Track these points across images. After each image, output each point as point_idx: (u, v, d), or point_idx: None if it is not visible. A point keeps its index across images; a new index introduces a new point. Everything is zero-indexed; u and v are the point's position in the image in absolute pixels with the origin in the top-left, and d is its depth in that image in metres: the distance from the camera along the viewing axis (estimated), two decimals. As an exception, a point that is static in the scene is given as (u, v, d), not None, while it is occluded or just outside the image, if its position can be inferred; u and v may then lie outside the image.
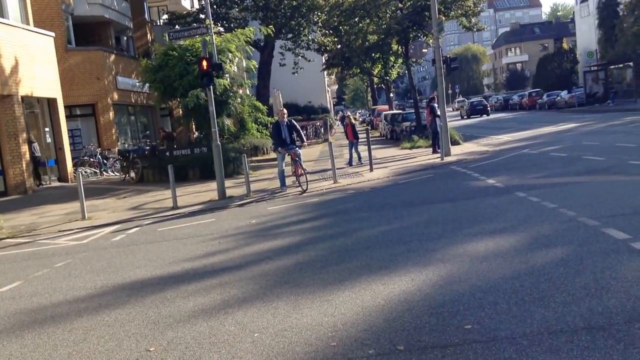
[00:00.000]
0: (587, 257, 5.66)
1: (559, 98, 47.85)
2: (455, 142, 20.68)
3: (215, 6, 29.54)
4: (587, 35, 56.38)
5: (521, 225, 7.52)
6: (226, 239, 9.17)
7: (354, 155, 18.92)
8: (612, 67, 45.60)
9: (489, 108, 53.62)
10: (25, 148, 18.06)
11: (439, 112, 19.45)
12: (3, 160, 17.68)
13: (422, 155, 19.12)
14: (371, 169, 16.01)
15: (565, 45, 61.04)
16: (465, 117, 53.14)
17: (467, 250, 6.49)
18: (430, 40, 25.01)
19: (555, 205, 8.46)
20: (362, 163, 18.02)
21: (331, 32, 35.27)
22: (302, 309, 5.14)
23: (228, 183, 14.96)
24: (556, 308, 4.44)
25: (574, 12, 68.81)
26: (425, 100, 39.47)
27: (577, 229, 6.90)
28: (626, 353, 3.60)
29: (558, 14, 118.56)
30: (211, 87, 14.58)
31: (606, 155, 13.66)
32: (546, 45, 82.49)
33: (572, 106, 43.83)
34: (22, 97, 18.45)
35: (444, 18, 24.17)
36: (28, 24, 20.21)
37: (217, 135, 14.64)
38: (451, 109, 62.46)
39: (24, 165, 17.79)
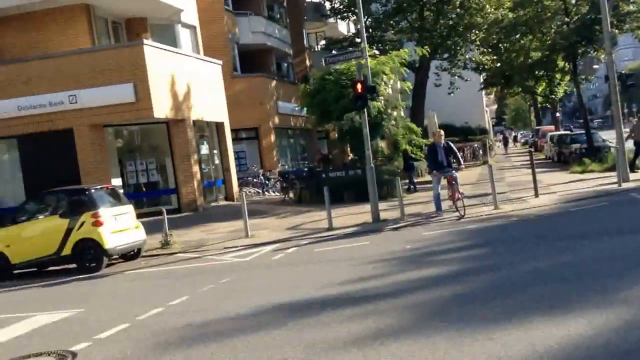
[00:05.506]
0: None
1: None
2: (636, 167, 18.62)
3: (370, 30, 29.91)
4: None
5: None
6: (380, 263, 9.00)
7: None
8: None
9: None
10: (196, 168, 19.54)
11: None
12: (177, 180, 19.29)
13: (595, 180, 17.46)
14: (536, 195, 14.92)
15: None
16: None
17: (658, 292, 5.66)
18: (602, 56, 23.02)
19: None
20: None
21: (489, 50, 34.07)
22: (462, 346, 4.77)
23: (382, 205, 14.83)
24: None
25: None
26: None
27: None
28: None
29: None
30: (365, 110, 14.66)
31: None
32: None
33: None
34: (194, 121, 20.05)
35: (617, 31, 22.10)
36: (199, 53, 22.04)
37: (371, 158, 14.64)
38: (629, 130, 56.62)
39: (195, 185, 19.25)
